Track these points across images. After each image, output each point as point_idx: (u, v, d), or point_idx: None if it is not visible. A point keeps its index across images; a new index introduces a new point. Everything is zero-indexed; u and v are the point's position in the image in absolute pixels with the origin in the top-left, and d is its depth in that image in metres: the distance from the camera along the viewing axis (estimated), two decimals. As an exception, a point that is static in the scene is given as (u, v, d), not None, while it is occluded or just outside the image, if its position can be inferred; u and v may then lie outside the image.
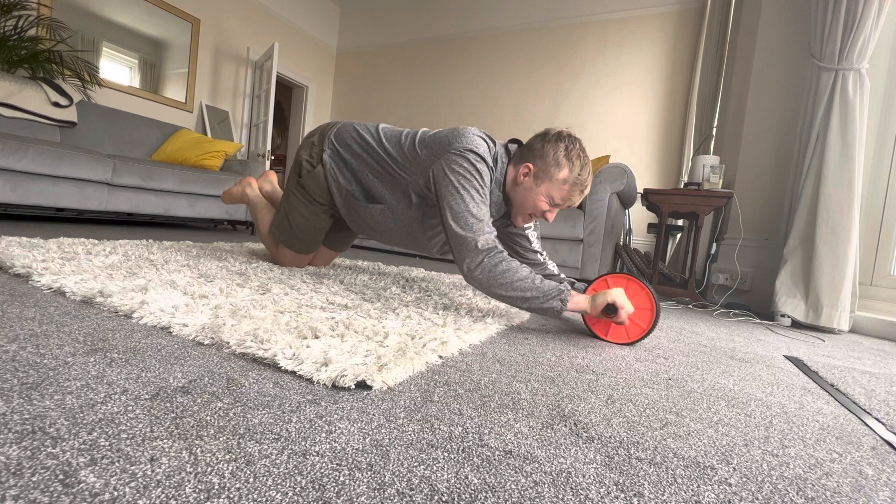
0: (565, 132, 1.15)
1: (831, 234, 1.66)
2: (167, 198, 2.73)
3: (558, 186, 1.13)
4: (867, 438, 0.61)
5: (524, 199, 1.18)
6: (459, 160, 1.08)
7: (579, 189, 1.14)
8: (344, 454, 0.41)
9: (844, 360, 1.16)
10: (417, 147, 1.20)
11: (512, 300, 1.01)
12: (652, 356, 0.95)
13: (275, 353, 0.63)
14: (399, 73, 4.90)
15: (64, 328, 0.66)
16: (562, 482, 0.41)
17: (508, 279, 1.00)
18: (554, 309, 0.99)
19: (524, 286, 0.99)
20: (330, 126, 1.40)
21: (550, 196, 1.15)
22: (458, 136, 1.13)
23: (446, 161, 1.09)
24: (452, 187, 1.07)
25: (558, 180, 1.12)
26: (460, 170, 1.08)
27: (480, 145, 1.12)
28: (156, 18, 3.51)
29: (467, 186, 1.07)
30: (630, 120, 3.72)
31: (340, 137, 1.34)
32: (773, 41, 2.06)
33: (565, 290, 0.99)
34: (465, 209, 1.05)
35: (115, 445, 0.38)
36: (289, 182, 1.43)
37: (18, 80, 2.48)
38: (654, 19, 3.62)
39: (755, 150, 2.10)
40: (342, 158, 1.32)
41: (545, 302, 0.99)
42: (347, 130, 1.34)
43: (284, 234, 1.46)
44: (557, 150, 1.12)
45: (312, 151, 1.38)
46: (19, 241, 1.32)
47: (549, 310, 1.00)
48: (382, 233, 1.36)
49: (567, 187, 1.13)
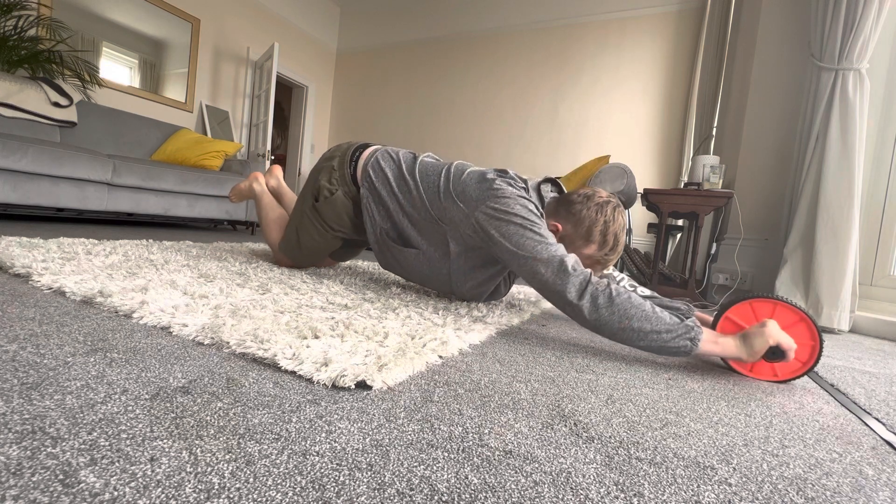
0: (613, 203, 1.03)
1: (831, 234, 1.66)
2: (167, 198, 2.73)
3: (587, 254, 1.04)
4: (867, 438, 0.61)
5: None
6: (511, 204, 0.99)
7: (601, 267, 1.05)
8: (344, 454, 0.41)
9: (844, 360, 1.16)
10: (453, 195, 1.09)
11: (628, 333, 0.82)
12: (652, 356, 0.95)
13: (275, 353, 0.63)
14: (399, 73, 4.90)
15: (64, 328, 0.66)
16: (562, 482, 0.41)
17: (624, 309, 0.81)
18: (682, 350, 0.80)
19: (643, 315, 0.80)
20: (352, 150, 1.31)
21: None
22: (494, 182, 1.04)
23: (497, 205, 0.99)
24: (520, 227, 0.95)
25: (583, 254, 1.03)
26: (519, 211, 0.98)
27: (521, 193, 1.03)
28: (156, 18, 3.51)
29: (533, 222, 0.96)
30: (630, 120, 3.72)
31: (377, 171, 1.23)
32: (773, 41, 2.06)
33: (695, 328, 0.80)
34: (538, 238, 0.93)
35: (115, 445, 0.38)
36: (304, 203, 1.35)
37: (18, 80, 2.48)
38: (654, 19, 3.62)
39: (755, 150, 2.10)
40: (379, 196, 1.22)
41: (671, 340, 0.79)
42: (381, 165, 1.23)
43: (291, 249, 1.43)
44: (595, 222, 1.01)
45: (332, 177, 1.29)
46: (19, 241, 1.32)
47: (674, 350, 0.80)
48: (414, 275, 1.26)
49: (588, 263, 1.05)
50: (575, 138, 3.95)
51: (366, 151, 1.30)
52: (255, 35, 4.32)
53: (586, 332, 1.13)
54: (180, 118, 3.79)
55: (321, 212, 1.31)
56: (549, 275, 0.89)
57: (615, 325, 0.83)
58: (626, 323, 0.81)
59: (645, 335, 0.81)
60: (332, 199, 1.28)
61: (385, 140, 4.96)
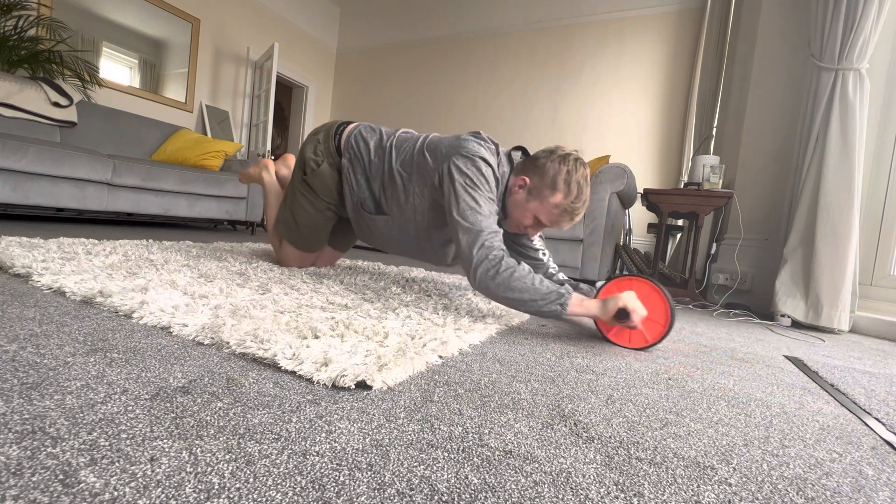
0: (574, 155, 1.11)
1: (831, 234, 1.66)
2: (167, 198, 2.72)
3: (548, 209, 1.11)
4: (867, 438, 0.61)
5: (512, 211, 1.18)
6: (468, 164, 1.08)
7: (569, 217, 1.12)
8: (344, 454, 0.41)
9: (844, 360, 1.16)
10: (426, 152, 1.19)
11: (510, 301, 0.98)
12: (652, 356, 0.95)
13: (275, 353, 0.63)
14: (399, 73, 4.90)
15: (64, 328, 0.66)
16: (562, 482, 0.41)
17: (506, 279, 0.96)
18: (553, 313, 0.95)
19: (523, 286, 0.95)
20: (336, 125, 1.39)
21: (537, 215, 1.14)
22: (465, 141, 1.13)
23: (455, 163, 1.09)
24: (462, 187, 1.06)
25: (550, 203, 1.10)
26: (471, 172, 1.07)
27: (487, 153, 1.12)
28: (156, 18, 3.51)
29: (477, 187, 1.06)
30: (630, 120, 3.72)
31: (359, 141, 1.32)
32: (773, 41, 2.06)
33: (566, 294, 0.95)
34: (474, 206, 1.04)
35: (115, 445, 0.38)
36: (293, 179, 1.43)
37: (18, 80, 2.48)
38: (654, 19, 3.62)
39: (755, 150, 2.10)
40: (360, 162, 1.30)
41: (545, 305, 0.95)
42: (363, 136, 1.32)
43: (290, 231, 1.46)
44: (559, 171, 1.09)
45: (318, 149, 1.37)
46: (19, 241, 1.32)
47: (548, 314, 0.96)
48: (387, 242, 1.36)
49: (557, 212, 1.11)
50: (575, 139, 3.95)
51: (350, 126, 1.39)
52: (255, 35, 4.32)
53: (586, 332, 1.13)
54: (180, 118, 3.79)
55: (311, 184, 1.37)
56: (464, 241, 1.02)
57: (500, 294, 0.98)
58: (508, 293, 0.97)
59: (523, 303, 0.97)
60: (319, 171, 1.35)
61: (385, 140, 4.95)
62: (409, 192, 1.22)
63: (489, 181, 1.09)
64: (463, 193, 1.05)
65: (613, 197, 2.48)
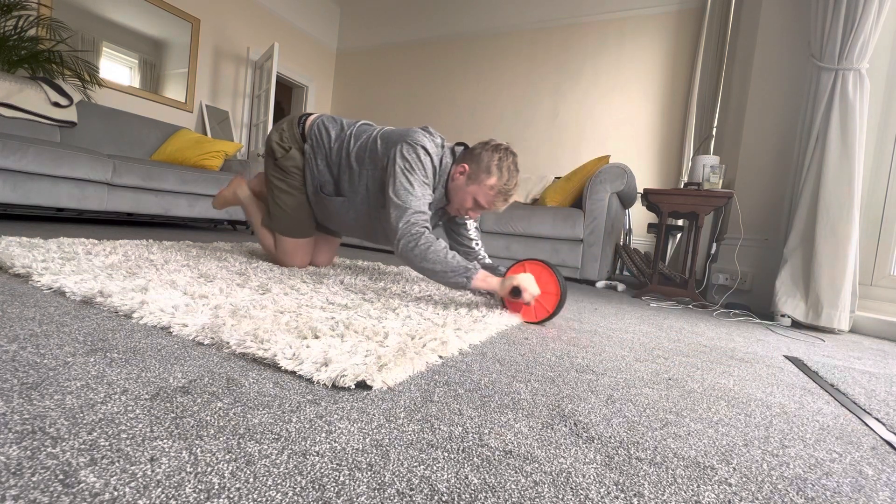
0: (504, 145, 1.27)
1: (831, 234, 1.66)
2: (167, 198, 2.72)
3: (485, 191, 1.25)
4: (867, 438, 0.61)
5: (454, 196, 1.32)
6: (410, 151, 1.23)
7: (503, 197, 1.26)
8: (344, 454, 0.41)
9: (844, 360, 1.16)
10: (379, 140, 1.33)
11: (425, 271, 1.14)
12: (652, 356, 0.95)
13: (275, 353, 0.63)
14: (399, 73, 4.90)
15: (64, 328, 0.66)
16: (562, 482, 0.41)
17: (423, 251, 1.12)
18: (460, 284, 1.12)
19: (436, 259, 1.11)
20: (299, 115, 1.50)
21: (476, 197, 1.27)
22: (413, 132, 1.28)
23: (399, 150, 1.24)
24: (400, 170, 1.21)
25: (486, 185, 1.24)
26: (411, 158, 1.22)
27: (430, 144, 1.26)
28: (156, 18, 3.51)
29: (414, 171, 1.21)
30: (630, 120, 3.72)
31: (322, 128, 1.44)
32: (773, 41, 2.06)
33: (472, 270, 1.11)
34: (408, 188, 1.19)
35: (115, 445, 0.38)
36: (267, 169, 1.51)
37: (18, 80, 2.48)
38: (654, 19, 3.62)
39: (755, 150, 2.10)
40: (322, 148, 1.42)
41: (452, 277, 1.11)
42: (325, 125, 1.44)
43: (279, 220, 1.50)
44: (492, 158, 1.24)
45: (283, 136, 1.47)
46: (19, 241, 1.32)
47: (455, 284, 1.13)
48: (343, 223, 1.49)
49: (492, 193, 1.25)
50: (575, 138, 3.95)
51: (312, 116, 1.50)
52: (255, 35, 4.32)
53: (586, 332, 1.13)
54: (180, 118, 3.79)
55: (283, 166, 1.46)
56: (393, 215, 1.18)
57: (417, 263, 1.14)
58: (423, 263, 1.13)
59: (435, 273, 1.13)
60: (289, 154, 1.46)
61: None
62: (362, 175, 1.35)
63: (426, 168, 1.24)
64: (400, 175, 1.21)
65: (613, 197, 2.48)
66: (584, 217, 2.45)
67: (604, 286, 2.43)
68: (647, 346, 1.05)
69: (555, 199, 2.73)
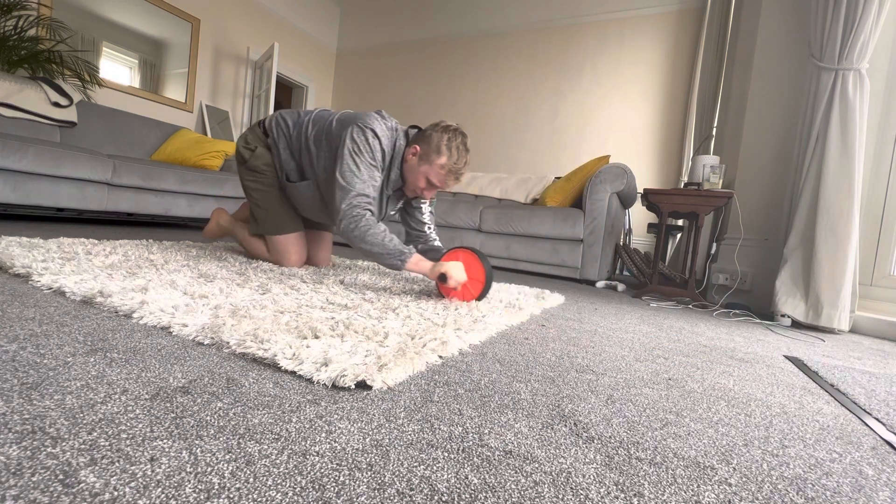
0: (454, 126, 1.32)
1: (831, 234, 1.66)
2: (167, 198, 2.72)
3: (436, 170, 1.31)
4: (867, 438, 0.61)
5: (408, 176, 1.37)
6: (360, 134, 1.28)
7: (454, 176, 1.31)
8: (344, 454, 0.41)
9: (844, 360, 1.16)
10: (335, 122, 1.38)
11: (364, 252, 1.22)
12: (652, 356, 0.95)
13: (275, 353, 0.63)
14: (399, 73, 4.90)
15: (64, 328, 0.66)
16: (562, 482, 0.41)
17: (362, 232, 1.20)
18: (395, 266, 1.21)
19: (374, 241, 1.20)
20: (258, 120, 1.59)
21: (428, 177, 1.32)
22: (365, 115, 1.32)
23: (350, 132, 1.29)
24: (349, 151, 1.27)
25: (437, 164, 1.30)
26: (359, 140, 1.27)
27: (380, 127, 1.30)
28: (156, 18, 3.51)
29: (362, 154, 1.27)
30: (630, 120, 3.72)
31: (281, 120, 1.50)
32: (773, 41, 2.06)
33: (407, 254, 1.20)
34: (354, 170, 1.25)
35: (115, 445, 0.38)
36: (241, 178, 1.56)
37: (18, 80, 2.48)
38: (654, 19, 3.62)
39: (755, 150, 2.10)
40: (284, 137, 1.48)
41: (388, 259, 1.20)
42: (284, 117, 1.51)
43: (263, 221, 1.53)
44: (441, 138, 1.29)
45: (247, 139, 1.54)
46: (19, 241, 1.32)
47: (391, 266, 1.21)
48: (308, 208, 1.53)
49: (444, 172, 1.30)
50: (575, 138, 3.95)
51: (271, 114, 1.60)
52: (255, 35, 4.32)
53: (586, 332, 1.13)
54: (180, 118, 3.79)
55: (252, 167, 1.51)
56: (338, 196, 1.25)
57: (357, 244, 1.22)
58: (362, 245, 1.21)
59: (373, 254, 1.21)
60: (256, 153, 1.51)
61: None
62: (320, 157, 1.40)
63: (374, 151, 1.29)
64: (348, 157, 1.26)
65: (613, 197, 2.48)
66: (584, 217, 2.45)
67: (604, 286, 2.43)
68: (647, 346, 1.05)
69: (555, 199, 2.73)
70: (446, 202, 2.88)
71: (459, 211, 2.79)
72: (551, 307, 1.46)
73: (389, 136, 1.33)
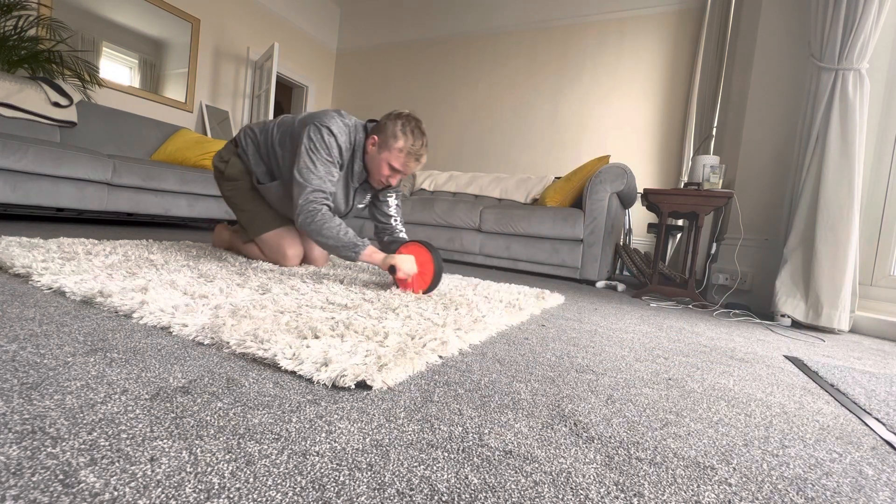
0: (406, 112, 1.38)
1: (831, 234, 1.66)
2: (167, 198, 2.72)
3: (396, 155, 1.36)
4: (867, 438, 0.61)
5: (371, 165, 1.43)
6: (316, 132, 1.34)
7: (414, 158, 1.37)
8: (344, 454, 0.41)
9: (844, 360, 1.16)
10: (297, 123, 1.45)
11: (321, 244, 1.31)
12: (652, 356, 0.95)
13: (275, 353, 0.63)
14: (399, 73, 4.90)
15: (64, 328, 0.66)
16: (562, 482, 0.41)
17: (318, 226, 1.28)
18: (349, 257, 1.29)
19: (330, 234, 1.28)
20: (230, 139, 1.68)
21: (389, 163, 1.37)
22: (322, 114, 1.38)
23: (307, 131, 1.35)
24: (305, 149, 1.34)
25: (395, 149, 1.35)
26: (315, 139, 1.33)
27: (336, 125, 1.37)
28: (156, 18, 3.51)
29: (318, 151, 1.33)
30: (630, 120, 3.72)
31: (247, 133, 1.60)
32: (773, 41, 2.06)
33: (360, 246, 1.28)
34: (310, 167, 1.32)
35: (115, 445, 0.38)
36: (222, 191, 1.64)
37: (18, 80, 2.48)
38: (654, 19, 3.62)
39: (755, 150, 2.10)
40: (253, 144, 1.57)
41: (343, 251, 1.28)
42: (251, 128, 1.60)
43: (250, 223, 1.59)
44: (395, 125, 1.35)
45: (221, 154, 1.64)
46: (19, 241, 1.32)
47: (346, 257, 1.30)
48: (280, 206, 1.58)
49: (403, 156, 1.36)
50: (575, 138, 3.95)
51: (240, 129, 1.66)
52: (255, 35, 4.32)
53: (586, 332, 1.13)
54: (180, 118, 3.79)
55: (231, 175, 1.59)
56: (296, 192, 1.32)
57: (314, 237, 1.30)
58: (318, 237, 1.29)
59: (328, 246, 1.30)
60: (230, 163, 1.59)
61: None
62: (285, 157, 1.47)
63: (330, 148, 1.35)
64: (304, 155, 1.33)
65: (613, 197, 2.48)
66: (584, 217, 2.45)
67: (604, 286, 2.43)
68: (647, 346, 1.05)
69: (555, 199, 2.73)
70: (446, 202, 2.88)
71: (459, 211, 2.79)
72: (551, 307, 1.46)
73: (347, 133, 1.40)
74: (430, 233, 2.89)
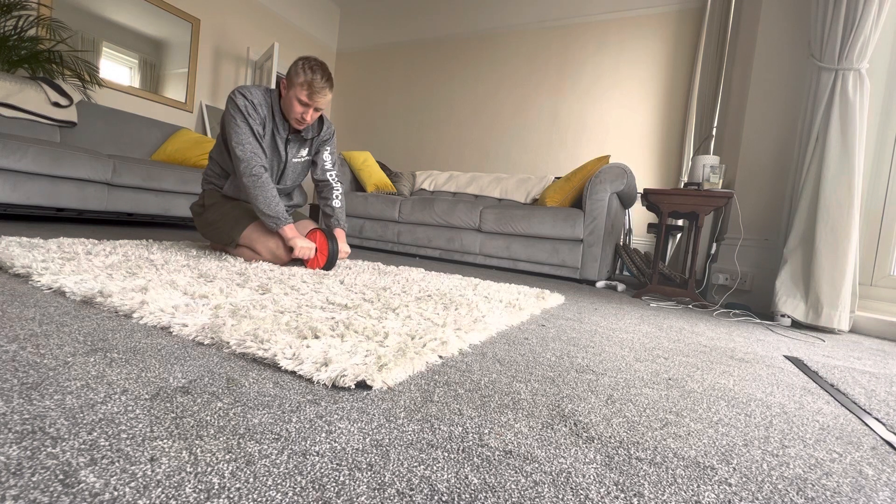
0: (306, 55, 1.57)
1: (831, 234, 1.66)
2: (167, 198, 2.72)
3: (298, 90, 1.51)
4: (867, 438, 0.61)
5: (285, 107, 1.56)
6: (231, 104, 1.52)
7: (316, 88, 1.50)
8: (344, 454, 0.41)
9: (844, 360, 1.16)
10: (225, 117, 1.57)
11: (254, 205, 1.50)
12: (652, 356, 0.95)
13: (275, 353, 0.63)
14: (399, 74, 4.90)
15: (64, 328, 0.66)
16: (562, 482, 0.41)
17: (260, 190, 1.48)
18: (270, 228, 1.53)
19: (265, 199, 1.49)
20: None
21: (297, 97, 1.51)
22: (233, 93, 1.53)
23: (224, 114, 1.54)
24: (229, 125, 1.51)
25: (297, 85, 1.50)
26: (232, 111, 1.51)
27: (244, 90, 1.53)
28: (156, 18, 3.51)
29: (236, 122, 1.50)
30: (630, 120, 3.72)
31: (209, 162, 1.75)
32: (773, 41, 2.06)
33: (283, 221, 1.51)
34: (240, 140, 1.49)
35: (115, 445, 0.38)
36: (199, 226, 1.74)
37: (18, 80, 2.48)
38: (654, 19, 3.62)
39: (755, 150, 2.10)
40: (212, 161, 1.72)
41: (269, 220, 1.51)
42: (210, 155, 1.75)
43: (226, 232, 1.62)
44: (296, 66, 1.52)
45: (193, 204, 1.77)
46: (19, 241, 1.32)
47: (268, 227, 1.53)
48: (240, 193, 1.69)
49: (305, 89, 1.50)
50: (575, 138, 3.95)
51: None
52: (255, 35, 4.32)
53: (586, 332, 1.13)
54: (180, 118, 3.79)
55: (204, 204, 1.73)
56: (236, 165, 1.50)
57: (253, 199, 1.49)
58: (255, 202, 1.50)
59: (259, 211, 1.51)
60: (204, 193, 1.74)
61: (385, 141, 4.96)
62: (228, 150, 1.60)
63: (246, 109, 1.51)
64: (231, 133, 1.50)
65: (613, 197, 2.48)
66: (584, 217, 2.45)
67: (604, 286, 2.43)
68: (647, 346, 1.05)
69: (555, 199, 2.73)
70: (446, 202, 2.88)
71: (459, 211, 2.79)
72: (551, 307, 1.46)
73: (259, 92, 1.56)
74: (430, 233, 2.90)
